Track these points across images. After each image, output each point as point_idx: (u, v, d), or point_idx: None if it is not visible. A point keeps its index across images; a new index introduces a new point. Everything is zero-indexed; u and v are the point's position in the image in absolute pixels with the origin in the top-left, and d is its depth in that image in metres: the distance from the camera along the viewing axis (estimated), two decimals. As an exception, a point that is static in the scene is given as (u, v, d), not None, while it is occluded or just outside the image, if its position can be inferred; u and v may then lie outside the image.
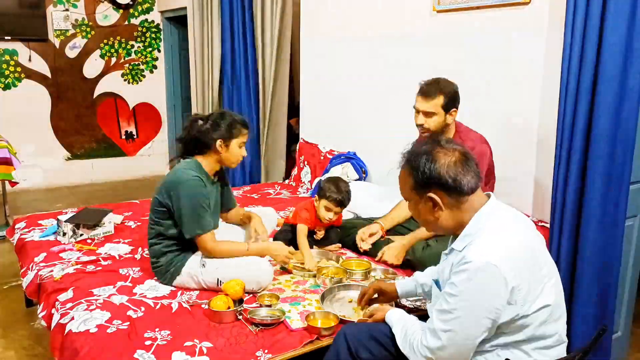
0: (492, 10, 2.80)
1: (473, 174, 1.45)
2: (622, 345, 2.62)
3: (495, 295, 1.34)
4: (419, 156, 1.47)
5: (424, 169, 1.44)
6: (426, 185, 1.45)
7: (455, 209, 1.46)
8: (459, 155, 1.45)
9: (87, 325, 1.95)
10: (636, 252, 2.52)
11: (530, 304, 1.38)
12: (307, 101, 4.37)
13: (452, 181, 1.42)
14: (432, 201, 1.46)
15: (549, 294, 1.41)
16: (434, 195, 1.45)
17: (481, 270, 1.34)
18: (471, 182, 1.44)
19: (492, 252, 1.36)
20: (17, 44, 5.72)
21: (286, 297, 2.22)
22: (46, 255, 2.62)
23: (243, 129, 2.39)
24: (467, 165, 1.45)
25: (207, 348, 1.84)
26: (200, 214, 2.25)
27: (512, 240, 1.41)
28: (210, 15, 4.99)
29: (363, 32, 3.66)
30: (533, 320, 1.40)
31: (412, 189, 1.50)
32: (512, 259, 1.36)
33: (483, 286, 1.35)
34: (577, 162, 2.27)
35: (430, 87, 2.46)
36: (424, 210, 1.50)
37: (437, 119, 2.46)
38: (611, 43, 2.11)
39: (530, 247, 1.43)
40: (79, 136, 6.29)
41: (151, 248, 2.37)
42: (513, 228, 1.46)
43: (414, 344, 1.51)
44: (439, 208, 1.47)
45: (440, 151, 1.45)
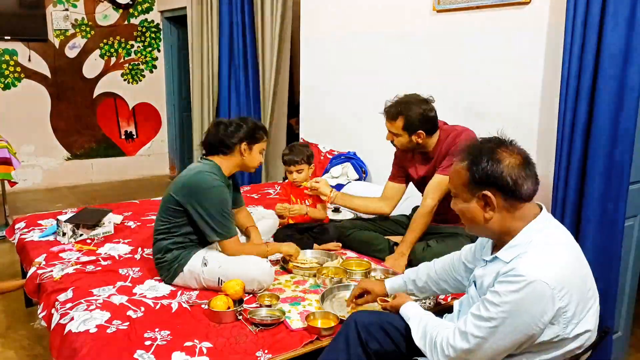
0: (492, 10, 2.80)
1: (533, 181, 1.40)
2: (622, 345, 2.62)
3: (540, 313, 1.29)
4: (482, 152, 1.41)
5: (485, 166, 1.38)
6: (484, 183, 1.40)
7: (507, 213, 1.41)
8: (522, 159, 1.40)
9: (87, 325, 1.95)
10: (636, 252, 2.52)
11: (573, 327, 1.33)
12: (307, 101, 4.37)
13: (512, 183, 1.37)
14: (485, 200, 1.41)
15: (592, 319, 1.37)
16: (489, 194, 1.39)
17: (532, 285, 1.28)
18: (530, 189, 1.39)
19: (545, 269, 1.30)
20: (17, 44, 5.72)
21: (286, 297, 2.22)
22: (46, 256, 2.62)
23: (264, 135, 2.48)
24: (528, 169, 1.40)
25: (207, 348, 1.84)
26: (227, 219, 2.30)
27: (565, 259, 1.36)
28: (210, 15, 4.99)
29: (363, 31, 3.66)
30: (571, 343, 1.36)
31: (466, 184, 1.44)
32: (564, 278, 1.30)
33: (530, 302, 1.29)
34: (577, 162, 2.27)
35: (391, 109, 2.49)
36: (473, 208, 1.44)
37: (402, 139, 2.51)
38: (611, 43, 2.11)
39: (580, 269, 1.38)
40: (78, 136, 6.29)
41: (157, 243, 2.37)
42: (565, 247, 1.40)
43: (437, 340, 1.47)
44: (491, 209, 1.41)
45: (505, 151, 1.40)
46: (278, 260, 2.60)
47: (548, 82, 2.57)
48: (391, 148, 2.71)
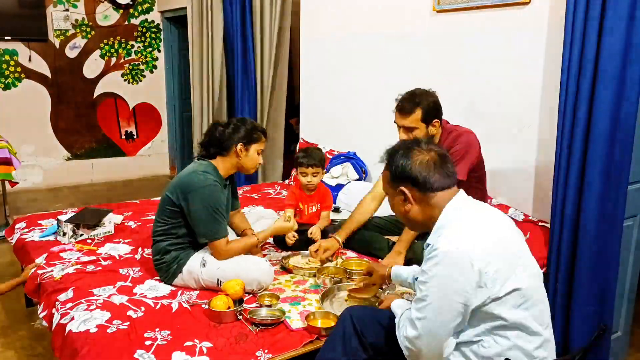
0: (492, 10, 2.80)
1: (445, 174, 1.55)
2: (622, 345, 2.62)
3: (463, 278, 1.39)
4: (397, 152, 1.60)
5: (397, 164, 1.57)
6: (399, 179, 1.57)
7: (423, 203, 1.56)
8: (434, 156, 1.56)
9: (87, 325, 1.95)
10: (635, 252, 2.52)
11: (500, 286, 1.41)
12: (307, 101, 4.37)
13: (421, 178, 1.53)
14: (402, 194, 1.57)
15: (521, 279, 1.44)
16: (404, 189, 1.56)
17: (448, 254, 1.40)
18: (440, 181, 1.54)
19: (458, 238, 1.43)
20: (17, 44, 5.72)
21: (286, 297, 2.22)
22: (46, 256, 2.62)
23: (262, 136, 2.47)
24: (440, 165, 1.55)
25: (207, 348, 1.84)
26: (217, 220, 2.28)
27: (479, 227, 1.48)
28: (210, 15, 4.99)
29: (363, 31, 3.66)
30: (505, 304, 1.42)
31: (387, 182, 1.63)
32: (479, 243, 1.42)
33: (451, 270, 1.40)
34: (576, 162, 2.27)
35: (406, 103, 2.43)
36: (396, 202, 1.61)
37: (418, 132, 2.44)
38: (610, 43, 2.11)
39: (499, 234, 1.49)
40: (79, 136, 6.29)
41: (156, 244, 2.37)
42: (481, 217, 1.53)
43: (399, 334, 1.56)
44: (409, 201, 1.57)
45: (416, 150, 1.57)
46: (278, 260, 2.60)
47: (548, 82, 2.58)
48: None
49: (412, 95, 2.44)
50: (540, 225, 2.62)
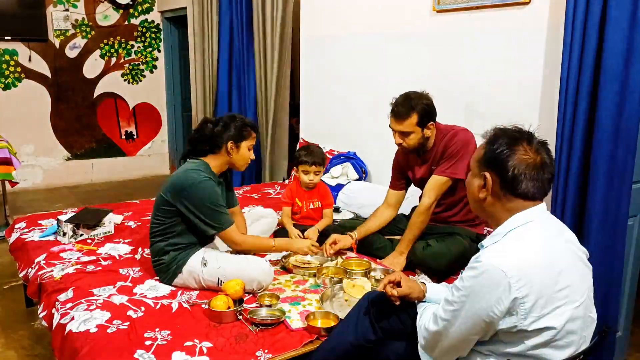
0: (492, 10, 2.80)
1: (537, 185, 1.41)
2: (622, 345, 2.62)
3: (495, 300, 1.31)
4: (504, 138, 1.46)
5: (497, 149, 1.43)
6: (489, 164, 1.44)
7: (498, 201, 1.44)
8: (539, 161, 1.41)
9: (87, 325, 1.95)
10: (637, 252, 2.52)
11: (533, 320, 1.32)
12: (307, 101, 4.37)
13: (511, 176, 1.40)
14: (484, 180, 1.45)
15: (560, 317, 1.34)
16: (489, 176, 1.44)
17: (488, 272, 1.32)
18: (529, 189, 1.40)
19: (504, 257, 1.33)
20: (17, 44, 5.72)
21: (286, 297, 2.22)
22: (46, 255, 2.62)
23: (252, 132, 2.46)
24: (537, 172, 1.41)
25: (207, 348, 1.84)
26: (221, 211, 2.32)
27: (532, 251, 1.35)
28: (210, 15, 5.00)
29: (363, 31, 3.66)
30: (532, 339, 1.34)
31: (477, 160, 1.50)
32: (524, 269, 1.31)
33: (486, 288, 1.32)
34: (577, 161, 2.27)
35: (402, 107, 2.41)
36: (473, 184, 1.50)
37: (414, 136, 2.43)
38: (612, 42, 2.11)
39: (552, 264, 1.36)
40: (79, 136, 6.29)
41: (154, 246, 2.37)
42: (540, 240, 1.39)
43: (420, 323, 1.56)
44: (486, 190, 1.46)
45: (524, 147, 1.42)
46: (278, 260, 2.60)
47: (548, 82, 2.57)
48: (391, 147, 2.70)
49: (406, 99, 2.42)
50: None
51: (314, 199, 2.95)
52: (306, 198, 2.94)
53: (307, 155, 2.85)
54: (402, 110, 2.40)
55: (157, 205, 2.37)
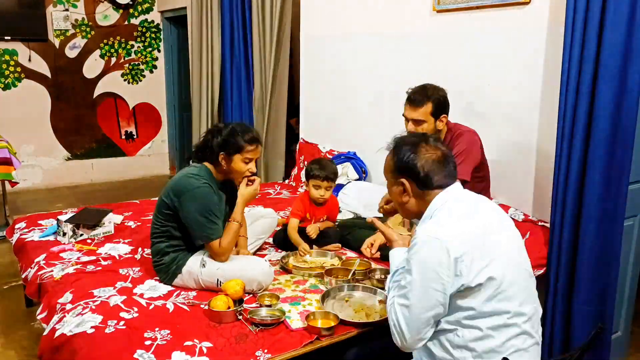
0: (492, 10, 2.80)
1: (446, 174, 1.59)
2: (622, 345, 2.62)
3: (439, 264, 1.44)
4: (405, 145, 1.63)
5: (404, 156, 1.60)
6: (402, 171, 1.61)
7: (420, 198, 1.62)
8: (440, 155, 1.59)
9: (87, 325, 1.95)
10: (636, 252, 2.52)
11: (475, 275, 1.44)
12: (307, 101, 4.37)
13: (424, 175, 1.57)
14: (402, 186, 1.62)
15: (497, 268, 1.46)
16: (405, 181, 1.61)
17: (426, 242, 1.46)
18: (441, 180, 1.58)
19: (436, 228, 1.49)
20: (17, 44, 5.72)
21: (286, 297, 2.22)
22: (46, 255, 2.62)
23: (248, 145, 2.30)
24: (443, 165, 1.59)
25: (207, 348, 1.84)
26: (211, 221, 2.25)
27: (457, 217, 1.52)
28: (210, 15, 4.99)
29: (363, 31, 3.66)
30: (480, 293, 1.45)
31: (390, 171, 1.67)
32: (456, 231, 1.47)
33: (428, 257, 1.45)
34: (577, 161, 2.27)
35: (418, 95, 2.44)
36: (394, 191, 1.67)
37: (426, 126, 2.44)
38: (611, 43, 2.11)
39: (477, 226, 1.52)
40: (79, 136, 6.29)
41: (154, 246, 2.37)
42: (467, 209, 1.56)
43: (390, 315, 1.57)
44: (407, 194, 1.62)
45: (424, 146, 1.60)
46: (278, 260, 2.60)
47: (548, 82, 2.57)
48: (391, 148, 2.69)
49: (423, 89, 2.46)
50: (540, 225, 2.62)
51: (322, 214, 2.86)
52: (317, 214, 2.85)
53: (320, 169, 2.73)
54: (418, 98, 2.43)
55: (158, 207, 2.37)
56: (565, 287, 2.37)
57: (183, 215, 2.26)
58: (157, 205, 2.38)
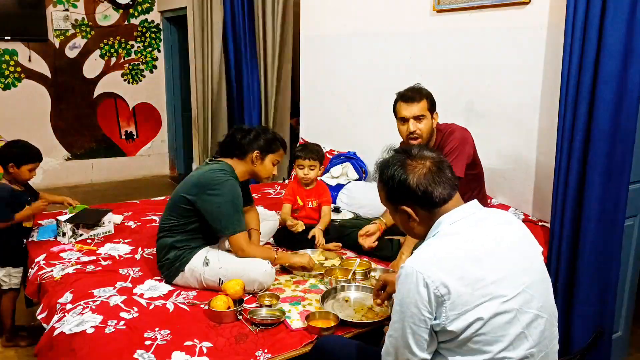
0: (492, 10, 2.80)
1: (445, 184, 1.41)
2: (622, 345, 2.62)
3: (418, 297, 1.28)
4: (389, 169, 1.45)
5: (393, 180, 1.43)
6: (398, 197, 1.44)
7: (427, 220, 1.44)
8: (430, 165, 1.42)
9: (87, 325, 1.95)
10: (636, 252, 2.52)
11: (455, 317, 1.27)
12: (307, 101, 4.37)
13: (422, 194, 1.40)
14: (406, 213, 1.45)
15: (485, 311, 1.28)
16: (406, 208, 1.44)
17: (406, 274, 1.31)
18: (443, 193, 1.40)
19: (418, 257, 1.34)
20: (17, 44, 5.72)
21: (286, 297, 2.22)
22: (46, 256, 2.62)
23: (281, 149, 2.51)
24: (438, 175, 1.41)
25: (207, 348, 1.84)
26: (239, 213, 2.33)
27: (446, 245, 1.35)
28: (210, 15, 4.99)
29: (363, 31, 3.66)
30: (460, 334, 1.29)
31: (386, 200, 1.50)
32: (438, 263, 1.30)
33: (407, 288, 1.30)
34: (576, 161, 2.27)
35: (413, 93, 2.48)
36: (400, 220, 1.50)
37: (426, 122, 2.46)
38: (611, 43, 2.11)
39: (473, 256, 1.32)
40: (79, 136, 6.29)
41: (160, 241, 2.38)
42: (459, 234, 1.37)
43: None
44: (413, 219, 1.45)
45: (410, 163, 1.43)
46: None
47: (548, 82, 2.57)
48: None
49: (417, 88, 2.52)
50: (540, 225, 2.62)
51: (312, 197, 2.96)
52: (306, 197, 2.95)
53: (302, 150, 2.93)
54: (414, 95, 2.47)
55: (173, 204, 2.39)
56: (565, 287, 2.37)
57: (208, 209, 2.29)
58: (172, 202, 2.39)
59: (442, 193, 1.40)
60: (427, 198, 1.40)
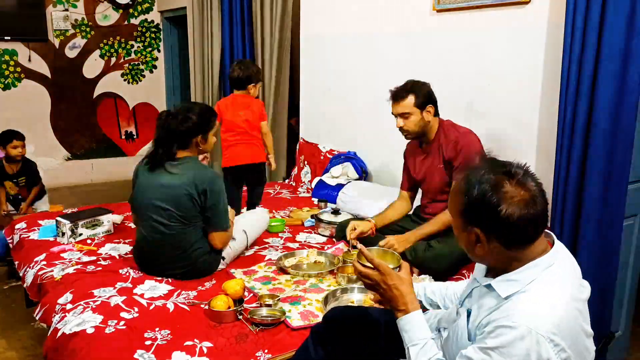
0: (492, 10, 2.80)
1: (536, 222, 1.18)
2: (622, 345, 2.62)
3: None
4: (480, 184, 1.19)
5: (480, 199, 1.18)
6: (475, 220, 1.21)
7: (501, 256, 1.22)
8: (529, 197, 1.17)
9: (87, 325, 1.95)
10: (636, 252, 2.52)
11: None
12: (307, 101, 4.37)
13: (507, 228, 1.17)
14: (475, 237, 1.23)
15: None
16: (479, 232, 1.21)
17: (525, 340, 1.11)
18: (529, 233, 1.19)
19: (541, 319, 1.13)
20: (17, 44, 5.72)
21: (286, 297, 2.22)
22: (46, 256, 2.62)
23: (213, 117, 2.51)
24: (532, 209, 1.17)
25: (207, 348, 1.84)
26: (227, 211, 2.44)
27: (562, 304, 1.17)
28: (210, 15, 4.99)
29: (363, 31, 3.66)
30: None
31: (459, 213, 1.26)
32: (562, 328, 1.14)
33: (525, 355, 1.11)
34: (576, 161, 2.27)
35: (399, 90, 2.55)
36: (465, 240, 1.27)
37: (414, 118, 2.52)
38: (611, 43, 2.11)
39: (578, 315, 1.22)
40: (79, 136, 6.29)
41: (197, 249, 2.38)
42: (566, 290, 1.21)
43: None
44: (482, 247, 1.23)
45: (508, 185, 1.18)
46: (277, 260, 2.60)
47: (548, 82, 2.57)
48: (391, 147, 2.70)
49: (404, 85, 2.57)
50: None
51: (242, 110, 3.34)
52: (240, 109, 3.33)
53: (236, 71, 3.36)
54: (399, 93, 2.55)
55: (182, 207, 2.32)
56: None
57: (212, 205, 2.34)
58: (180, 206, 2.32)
59: (528, 232, 1.19)
60: (511, 234, 1.18)
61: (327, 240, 2.94)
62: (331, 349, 1.66)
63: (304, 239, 2.96)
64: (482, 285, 1.30)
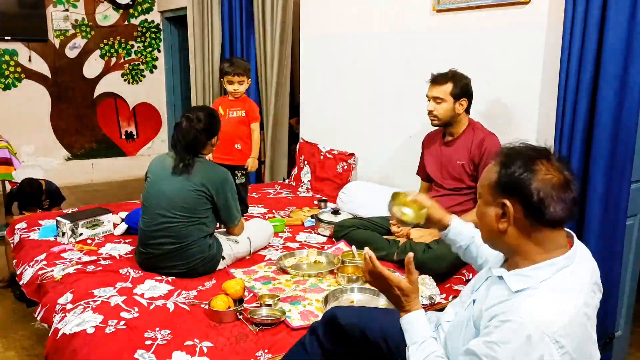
0: (491, 10, 2.80)
1: (565, 207, 1.20)
2: (622, 345, 2.62)
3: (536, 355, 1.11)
4: (518, 157, 1.24)
5: (514, 172, 1.22)
6: (507, 189, 1.23)
7: (523, 232, 1.23)
8: (562, 179, 1.21)
9: (87, 325, 1.95)
10: (636, 252, 2.52)
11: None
12: (307, 101, 4.37)
13: (537, 200, 1.19)
14: (503, 209, 1.24)
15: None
16: (509, 203, 1.22)
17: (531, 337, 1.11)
18: (557, 214, 1.19)
19: (549, 318, 1.13)
20: (17, 44, 5.72)
21: (286, 297, 2.22)
22: (46, 255, 2.62)
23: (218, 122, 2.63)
24: (563, 192, 1.20)
25: (207, 348, 1.84)
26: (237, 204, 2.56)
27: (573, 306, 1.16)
28: (210, 15, 4.99)
29: (363, 31, 3.66)
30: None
31: (491, 185, 1.27)
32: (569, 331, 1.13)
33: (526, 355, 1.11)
34: (576, 161, 2.27)
35: (440, 75, 2.60)
36: (488, 214, 1.28)
37: (445, 106, 2.56)
38: (612, 42, 2.12)
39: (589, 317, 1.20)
40: (79, 136, 6.29)
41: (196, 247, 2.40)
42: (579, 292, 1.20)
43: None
44: (507, 221, 1.24)
45: (544, 164, 1.22)
46: (277, 260, 2.60)
47: (548, 82, 2.57)
48: (389, 148, 2.70)
49: (446, 72, 2.62)
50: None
51: (236, 107, 3.32)
52: (229, 106, 3.33)
53: (230, 66, 3.25)
54: (439, 77, 2.60)
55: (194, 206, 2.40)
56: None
57: (224, 201, 2.45)
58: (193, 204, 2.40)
59: (556, 212, 1.19)
60: (538, 207, 1.19)
61: (327, 240, 2.94)
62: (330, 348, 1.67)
63: (304, 239, 2.96)
64: (495, 276, 1.30)
